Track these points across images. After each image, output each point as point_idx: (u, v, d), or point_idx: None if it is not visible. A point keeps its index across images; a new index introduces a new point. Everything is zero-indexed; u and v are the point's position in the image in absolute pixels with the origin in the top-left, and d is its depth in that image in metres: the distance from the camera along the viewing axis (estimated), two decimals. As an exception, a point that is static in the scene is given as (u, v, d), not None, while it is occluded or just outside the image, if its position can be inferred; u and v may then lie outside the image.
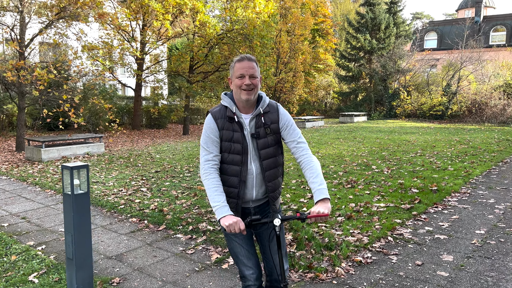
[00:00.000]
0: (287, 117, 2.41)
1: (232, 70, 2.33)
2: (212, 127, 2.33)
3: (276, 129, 2.37)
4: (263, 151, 2.34)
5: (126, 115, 20.46)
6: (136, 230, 5.05)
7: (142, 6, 14.47)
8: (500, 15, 34.26)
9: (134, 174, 8.38)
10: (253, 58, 2.31)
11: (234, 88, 2.31)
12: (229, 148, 2.33)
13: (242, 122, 2.32)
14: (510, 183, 7.14)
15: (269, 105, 2.39)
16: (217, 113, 2.36)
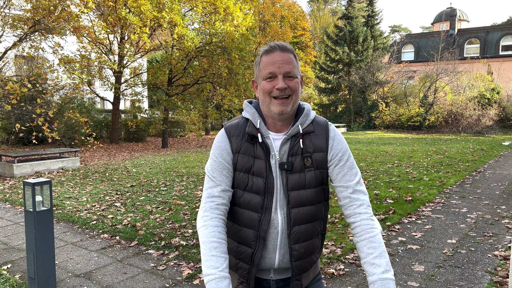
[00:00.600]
0: (341, 144, 1.60)
1: (257, 67, 1.59)
2: (222, 147, 1.60)
3: (322, 161, 1.57)
4: (295, 193, 1.55)
5: (105, 129, 20.18)
6: (107, 247, 4.92)
7: (119, 19, 14.41)
8: (473, 28, 35.34)
9: (109, 188, 8.22)
10: (289, 47, 1.54)
11: (261, 95, 1.56)
12: (245, 182, 1.57)
13: (269, 144, 1.55)
14: (483, 192, 7.27)
15: (314, 123, 1.61)
16: (233, 128, 1.62)
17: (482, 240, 4.76)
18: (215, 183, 1.57)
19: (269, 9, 23.87)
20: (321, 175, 1.59)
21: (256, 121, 1.58)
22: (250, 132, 1.57)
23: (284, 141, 1.55)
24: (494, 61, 29.83)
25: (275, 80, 1.50)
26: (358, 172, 1.60)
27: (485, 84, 24.39)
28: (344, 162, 1.58)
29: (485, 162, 11.02)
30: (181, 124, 23.66)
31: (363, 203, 1.55)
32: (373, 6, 31.30)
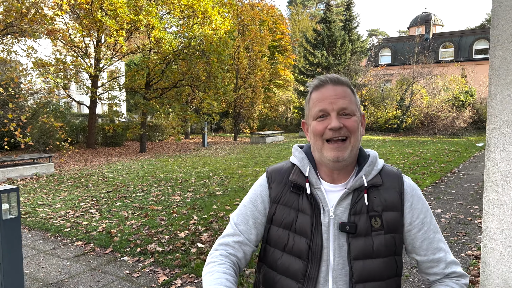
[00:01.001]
0: (422, 202, 1.32)
1: (306, 106, 1.35)
2: (258, 193, 1.36)
3: (395, 223, 1.26)
4: (360, 263, 1.23)
5: (81, 134, 19.79)
6: (81, 254, 4.79)
7: (95, 22, 14.17)
8: (448, 32, 36.22)
9: (84, 195, 8.04)
10: (344, 79, 1.30)
11: (311, 138, 1.31)
12: (283, 241, 1.29)
13: (319, 197, 1.28)
14: (457, 193, 7.41)
15: (383, 174, 1.32)
16: (276, 172, 1.38)
17: (455, 240, 4.84)
18: (234, 231, 1.34)
19: (248, 12, 23.92)
20: (392, 242, 1.25)
21: (305, 168, 1.31)
22: (295, 181, 1.30)
23: (343, 195, 1.26)
24: (468, 65, 30.62)
25: (327, 119, 1.25)
26: (442, 237, 1.32)
27: (459, 87, 25.01)
28: (428, 226, 1.28)
29: (460, 163, 11.26)
30: (159, 128, 23.42)
31: (460, 275, 1.31)
32: (350, 11, 31.73)
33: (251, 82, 24.00)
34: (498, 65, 2.74)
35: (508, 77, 2.70)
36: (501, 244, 2.82)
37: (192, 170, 11.22)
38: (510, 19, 2.70)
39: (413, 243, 1.29)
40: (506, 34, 2.71)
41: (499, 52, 2.74)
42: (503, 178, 2.83)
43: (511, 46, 2.69)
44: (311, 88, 1.32)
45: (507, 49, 2.71)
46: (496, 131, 2.78)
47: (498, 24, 2.74)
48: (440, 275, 1.29)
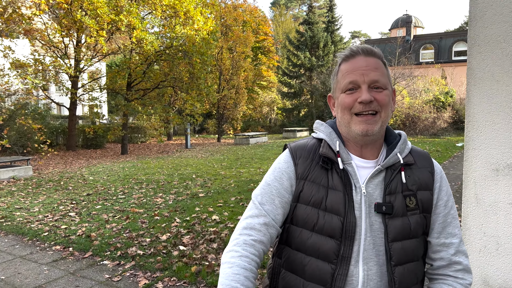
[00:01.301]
0: (447, 186, 1.30)
1: (334, 78, 1.29)
2: (283, 169, 1.28)
3: (428, 202, 1.24)
4: (399, 244, 1.19)
5: (61, 136, 19.43)
6: (59, 259, 4.67)
7: (75, 22, 13.92)
8: (428, 34, 36.85)
9: (63, 198, 7.86)
10: (377, 51, 1.23)
11: (339, 112, 1.25)
12: (313, 220, 1.21)
13: (351, 173, 1.22)
14: (438, 192, 7.52)
15: (414, 153, 1.29)
16: (301, 148, 1.30)
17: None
18: (259, 211, 1.23)
19: (231, 13, 23.88)
20: (424, 221, 1.22)
21: (335, 142, 1.24)
22: (326, 154, 1.22)
23: (376, 172, 1.20)
24: (448, 66, 31.21)
25: (357, 91, 1.18)
26: (460, 226, 1.28)
27: (439, 88, 25.45)
28: (449, 210, 1.25)
29: (440, 163, 11.43)
30: (141, 130, 23.17)
31: (464, 268, 1.24)
32: (333, 12, 32.01)
33: (234, 83, 23.95)
34: (476, 66, 2.78)
35: (485, 77, 2.74)
36: (480, 242, 2.86)
37: (175, 172, 11.11)
38: (487, 21, 2.74)
39: (431, 224, 1.25)
40: (483, 35, 2.75)
41: (476, 53, 2.78)
42: (481, 177, 2.86)
43: (488, 47, 2.73)
44: (340, 59, 1.25)
45: (484, 49, 2.75)
46: (474, 130, 2.82)
47: (475, 26, 2.78)
48: (446, 261, 1.24)
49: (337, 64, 1.27)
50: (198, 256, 4.43)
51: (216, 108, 23.99)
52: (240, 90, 24.40)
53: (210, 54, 16.61)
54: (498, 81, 2.65)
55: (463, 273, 1.24)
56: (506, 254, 2.72)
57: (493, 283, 2.79)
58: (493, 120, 2.68)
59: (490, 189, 2.74)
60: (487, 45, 2.68)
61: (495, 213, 2.73)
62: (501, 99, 2.65)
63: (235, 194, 7.73)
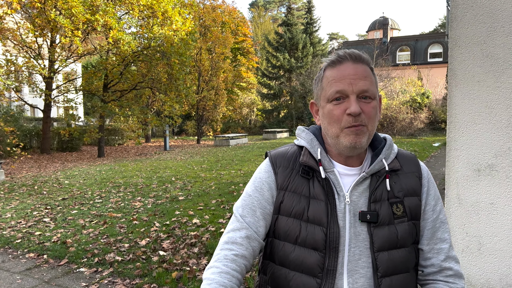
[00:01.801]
0: (435, 189, 1.26)
1: (318, 85, 1.21)
2: (263, 179, 1.23)
3: (416, 209, 1.19)
4: (385, 255, 1.13)
5: (35, 138, 18.88)
6: (33, 267, 4.49)
7: (48, 21, 13.54)
8: (404, 36, 37.54)
9: (38, 203, 7.61)
10: (365, 57, 1.16)
11: (325, 122, 1.18)
12: (295, 232, 1.16)
13: (333, 181, 1.17)
14: (417, 192, 7.60)
15: (400, 157, 1.24)
16: (281, 156, 1.25)
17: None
18: (241, 224, 1.18)
19: (210, 14, 23.74)
20: (414, 230, 1.17)
21: (316, 150, 1.18)
22: (307, 163, 1.17)
23: (360, 179, 1.15)
24: (423, 68, 31.84)
25: (345, 102, 1.11)
26: (449, 230, 1.24)
27: (416, 89, 25.93)
28: (437, 215, 1.21)
29: (418, 162, 11.60)
30: (118, 132, 22.76)
31: (456, 273, 1.19)
32: (311, 14, 32.25)
33: (214, 84, 23.82)
34: (457, 67, 2.78)
35: (466, 77, 2.75)
36: (462, 242, 2.86)
37: (154, 174, 10.92)
38: (467, 22, 2.75)
39: (420, 231, 1.21)
40: (464, 36, 2.76)
41: (457, 54, 2.78)
42: (463, 177, 2.87)
43: (468, 48, 2.74)
44: (325, 64, 1.18)
45: (464, 50, 2.76)
46: (456, 131, 2.82)
47: (456, 27, 2.78)
48: (436, 268, 1.20)
49: (322, 69, 1.20)
50: (179, 261, 4.32)
51: (195, 110, 23.79)
52: (220, 91, 24.28)
53: (189, 55, 16.44)
54: (479, 82, 2.66)
55: (454, 278, 1.20)
56: (488, 253, 2.73)
57: (476, 283, 2.80)
58: (474, 120, 2.69)
59: (472, 189, 2.75)
60: (467, 46, 2.69)
61: (477, 213, 2.74)
62: (482, 100, 2.66)
63: (216, 197, 7.63)
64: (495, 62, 2.61)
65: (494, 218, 2.70)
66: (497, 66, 2.60)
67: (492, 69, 2.62)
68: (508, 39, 2.57)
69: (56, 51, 15.49)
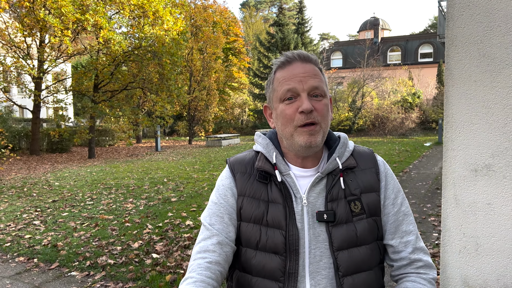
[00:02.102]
0: (394, 182, 1.25)
1: (269, 87, 1.21)
2: (226, 185, 1.23)
3: (375, 205, 1.19)
4: (345, 254, 1.13)
5: (24, 139, 18.62)
6: (23, 271, 4.40)
7: (37, 21, 13.35)
8: (395, 36, 37.79)
9: (27, 205, 7.48)
10: (313, 57, 1.17)
11: (279, 123, 1.17)
12: (256, 237, 1.16)
13: (290, 184, 1.17)
14: (410, 192, 7.62)
15: (356, 154, 1.24)
16: (238, 163, 1.25)
17: (412, 239, 4.92)
18: (210, 232, 1.16)
19: (201, 14, 23.64)
20: (375, 226, 1.16)
21: (272, 154, 1.18)
22: (262, 168, 1.17)
23: (316, 180, 1.15)
24: (414, 68, 32.07)
25: (297, 100, 1.11)
26: (414, 221, 1.22)
27: (407, 89, 26.09)
28: (398, 207, 1.20)
29: (410, 162, 11.66)
30: (109, 133, 22.55)
31: (426, 264, 1.19)
32: (303, 14, 32.28)
33: (205, 84, 23.71)
34: (453, 66, 2.76)
35: (463, 77, 2.73)
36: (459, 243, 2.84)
37: (145, 176, 10.83)
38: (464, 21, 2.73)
39: (383, 226, 1.20)
40: (461, 35, 2.74)
41: (454, 53, 2.76)
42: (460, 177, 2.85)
43: (465, 47, 2.72)
44: (275, 66, 1.18)
45: (461, 50, 2.74)
46: (453, 131, 2.80)
47: (453, 26, 2.76)
48: (406, 261, 1.19)
49: (273, 72, 1.19)
50: (172, 264, 4.26)
51: (187, 110, 23.67)
52: (211, 92, 24.19)
53: (180, 55, 16.33)
54: (475, 82, 2.64)
55: (425, 269, 1.20)
56: (485, 254, 2.72)
57: (473, 284, 2.79)
58: (471, 120, 2.67)
59: (469, 190, 2.73)
60: (464, 46, 2.67)
61: (474, 214, 2.73)
62: (478, 100, 2.64)
63: (208, 198, 7.58)
64: (492, 61, 2.59)
65: (492, 219, 2.69)
66: (494, 65, 2.59)
67: (489, 69, 2.61)
68: (505, 38, 2.56)
69: (46, 51, 15.30)
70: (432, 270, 1.21)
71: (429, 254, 1.23)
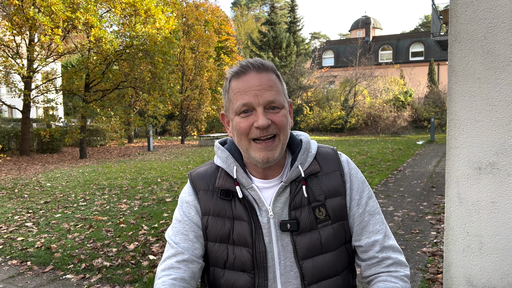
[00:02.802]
0: (358, 181, 1.20)
1: (225, 96, 1.16)
2: (190, 202, 1.20)
3: (341, 209, 1.16)
4: (309, 262, 1.12)
5: (13, 140, 18.35)
6: (16, 275, 4.30)
7: (27, 19, 13.15)
8: (386, 35, 37.96)
9: (19, 207, 7.35)
10: (269, 64, 1.13)
11: (235, 136, 1.13)
12: (223, 257, 1.15)
13: (254, 197, 1.15)
14: (405, 190, 7.62)
15: (319, 158, 1.19)
16: (201, 179, 1.21)
17: (410, 237, 4.91)
18: (175, 250, 1.14)
19: (193, 12, 23.50)
20: (342, 231, 1.15)
21: (232, 169, 1.14)
22: (223, 187, 1.14)
23: (280, 189, 1.12)
24: (406, 66, 32.23)
25: (253, 114, 1.07)
26: (383, 220, 1.20)
27: (399, 87, 26.22)
28: (363, 208, 1.17)
29: (404, 161, 11.70)
30: (101, 132, 22.34)
31: (395, 261, 1.15)
32: (294, 13, 32.28)
33: (197, 83, 23.59)
34: (457, 63, 2.73)
35: (466, 74, 2.70)
36: (463, 242, 2.82)
37: (138, 176, 10.71)
38: (467, 17, 2.70)
39: (350, 229, 1.18)
40: (464, 32, 2.71)
41: (457, 50, 2.73)
42: (463, 176, 2.82)
43: (469, 44, 2.69)
44: (229, 75, 1.14)
45: (464, 46, 2.71)
46: (456, 129, 2.77)
47: (456, 22, 2.73)
48: (375, 260, 1.16)
49: (228, 80, 1.15)
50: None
51: (179, 109, 23.53)
52: (204, 91, 24.07)
53: (172, 54, 16.21)
54: (479, 79, 2.62)
55: (395, 266, 1.16)
56: (489, 253, 2.70)
57: (477, 283, 2.76)
58: (475, 118, 2.64)
59: (472, 188, 2.70)
60: (467, 42, 2.65)
61: (478, 212, 2.70)
62: (482, 97, 2.62)
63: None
64: (495, 58, 2.57)
65: (495, 217, 2.66)
66: (498, 62, 2.57)
67: (493, 66, 2.58)
68: (509, 35, 2.54)
69: (35, 49, 15.09)
70: (403, 268, 1.17)
71: (401, 252, 1.19)
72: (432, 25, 13.74)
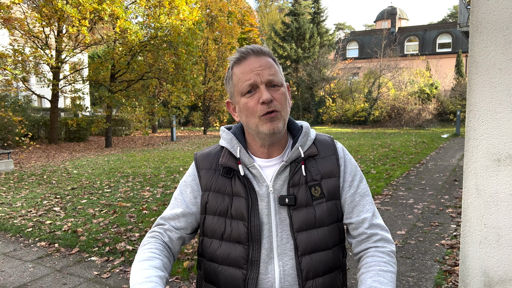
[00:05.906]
0: (351, 166, 1.31)
1: (229, 83, 1.26)
2: (188, 183, 1.32)
3: (335, 189, 1.26)
4: (303, 235, 1.21)
5: (42, 128, 18.95)
6: (45, 256, 4.51)
7: (55, 11, 13.50)
8: (412, 26, 37.08)
9: (47, 192, 7.64)
10: (266, 49, 1.24)
11: (243, 116, 1.22)
12: (221, 229, 1.24)
13: (255, 174, 1.24)
14: (427, 183, 7.54)
15: (317, 143, 1.31)
16: (204, 159, 1.32)
17: (429, 230, 4.88)
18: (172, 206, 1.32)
19: (216, 3, 23.56)
20: (335, 208, 1.25)
21: (236, 149, 1.24)
22: (226, 164, 1.24)
23: (281, 168, 1.22)
24: (432, 58, 31.47)
25: (257, 92, 1.18)
26: (372, 201, 1.30)
27: (424, 79, 25.65)
28: (355, 189, 1.28)
29: (427, 154, 11.52)
30: (126, 122, 22.79)
31: (382, 237, 1.26)
32: (318, 4, 31.89)
33: (220, 74, 23.71)
34: (478, 53, 2.70)
35: (487, 65, 2.66)
36: (480, 233, 2.80)
37: (161, 165, 10.93)
38: (489, 7, 2.66)
39: (342, 208, 1.29)
40: (486, 22, 2.68)
41: (478, 40, 2.70)
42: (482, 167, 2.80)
43: (490, 34, 2.65)
44: (231, 62, 1.25)
45: (486, 37, 2.67)
46: (476, 120, 2.75)
47: (477, 12, 2.70)
48: (364, 236, 1.27)
49: (230, 68, 1.26)
50: (189, 251, 4.32)
51: (202, 100, 23.73)
52: (226, 82, 24.17)
53: (195, 45, 16.34)
54: (500, 70, 2.58)
55: (382, 242, 1.26)
56: (506, 245, 2.68)
57: (494, 275, 2.75)
58: (495, 109, 2.62)
59: (491, 180, 2.69)
60: (489, 32, 2.61)
61: (496, 204, 2.68)
62: (503, 88, 2.58)
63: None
64: (518, 49, 2.53)
65: (514, 209, 2.64)
66: (520, 53, 2.53)
67: (515, 56, 2.54)
68: (532, 25, 2.49)
69: (63, 40, 15.48)
70: (390, 244, 1.27)
71: (388, 231, 1.30)
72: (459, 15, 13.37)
